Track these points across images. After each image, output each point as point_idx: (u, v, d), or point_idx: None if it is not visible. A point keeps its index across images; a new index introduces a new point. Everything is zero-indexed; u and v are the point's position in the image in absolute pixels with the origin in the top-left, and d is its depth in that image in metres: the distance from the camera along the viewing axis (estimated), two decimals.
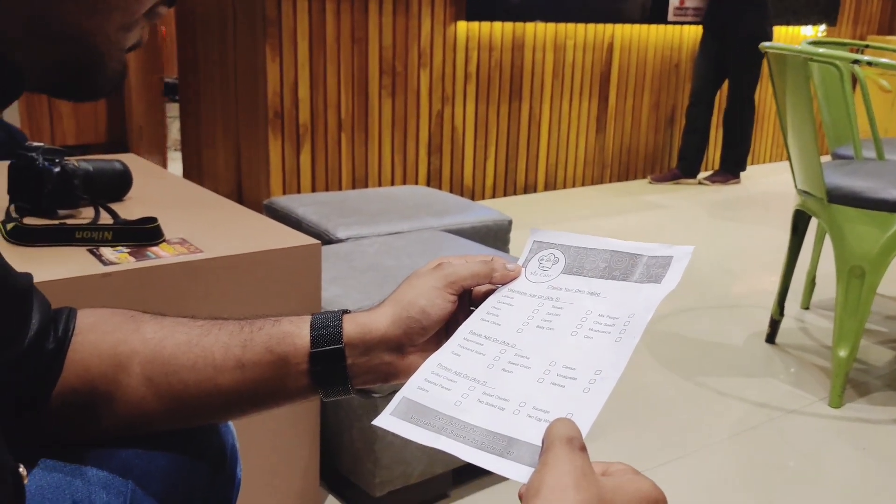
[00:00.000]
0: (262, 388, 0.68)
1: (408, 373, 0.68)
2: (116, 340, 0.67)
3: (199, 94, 3.73)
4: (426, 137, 3.77)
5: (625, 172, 4.68)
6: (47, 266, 1.23)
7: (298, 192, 3.40)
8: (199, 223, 1.47)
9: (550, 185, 4.33)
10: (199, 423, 0.72)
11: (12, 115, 2.95)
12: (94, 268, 1.22)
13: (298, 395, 0.70)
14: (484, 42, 3.85)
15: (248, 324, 0.70)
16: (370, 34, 3.46)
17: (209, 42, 3.57)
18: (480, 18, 3.73)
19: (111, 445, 0.68)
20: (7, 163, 1.48)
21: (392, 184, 3.69)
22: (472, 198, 4.01)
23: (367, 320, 0.69)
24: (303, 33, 3.28)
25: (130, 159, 1.93)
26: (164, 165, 4.22)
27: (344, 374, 0.68)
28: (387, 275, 1.68)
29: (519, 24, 3.93)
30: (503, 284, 0.74)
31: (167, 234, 1.38)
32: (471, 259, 0.74)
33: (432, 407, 0.62)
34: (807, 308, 2.76)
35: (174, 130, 4.68)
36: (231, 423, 0.79)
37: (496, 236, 2.20)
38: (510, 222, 2.24)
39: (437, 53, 3.70)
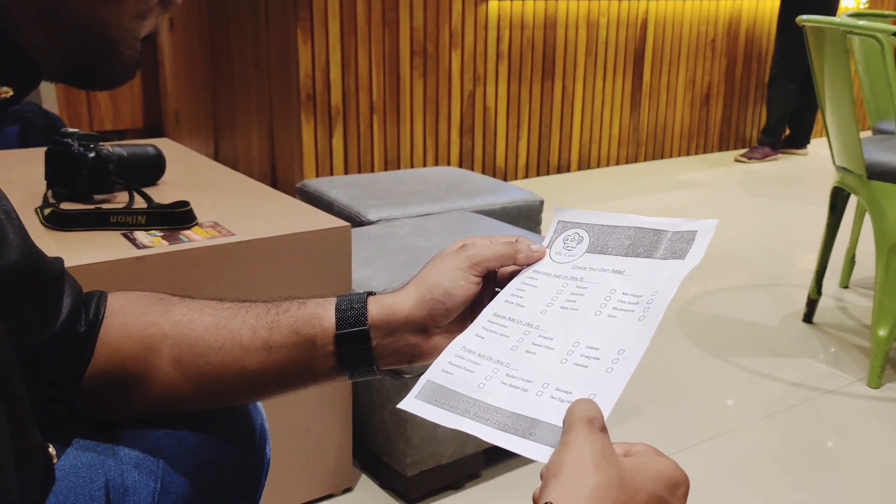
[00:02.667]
0: (289, 369, 0.69)
1: (433, 354, 0.69)
2: (146, 323, 0.68)
3: (232, 78, 3.76)
4: (458, 118, 3.76)
5: (660, 151, 4.62)
6: (83, 250, 1.25)
7: (331, 173, 3.42)
8: (232, 206, 1.49)
9: (584, 165, 4.30)
10: (228, 404, 0.73)
11: (50, 101, 3.00)
12: (129, 251, 1.25)
13: (325, 376, 0.70)
14: (515, 20, 3.81)
15: (275, 306, 0.70)
16: (401, 15, 3.45)
17: (242, 25, 3.59)
18: None
19: (143, 426, 0.70)
20: (44, 149, 1.51)
21: (424, 165, 3.69)
22: (505, 178, 4.00)
23: (391, 302, 0.69)
24: (334, 15, 3.28)
25: (165, 144, 1.95)
26: (203, 151, 4.26)
27: (369, 356, 0.69)
28: (417, 256, 1.68)
29: (551, 2, 3.89)
30: (528, 266, 0.73)
31: (200, 217, 1.40)
32: (495, 240, 0.74)
33: (456, 389, 0.63)
34: (846, 287, 2.71)
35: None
36: (260, 404, 0.80)
37: (528, 217, 2.19)
38: (541, 202, 2.23)
39: (468, 33, 3.67)
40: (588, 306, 0.67)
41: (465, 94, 3.75)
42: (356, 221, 2.00)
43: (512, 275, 0.74)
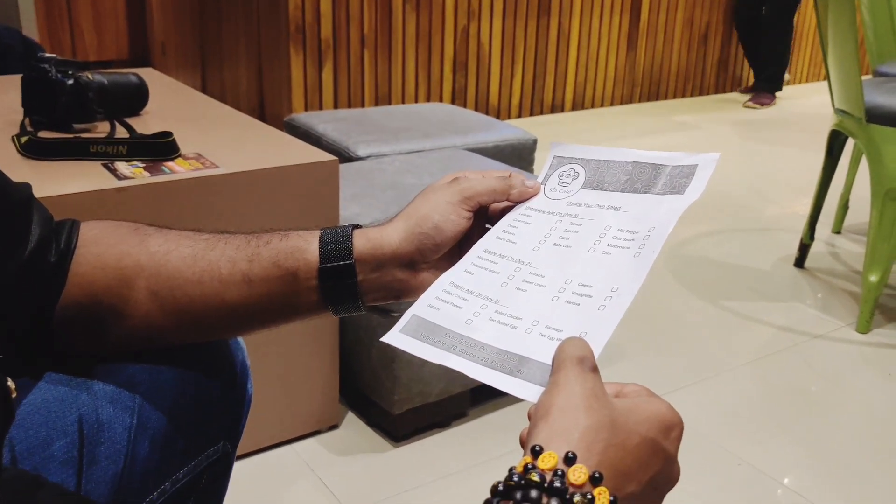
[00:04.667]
0: (271, 303, 0.66)
1: (420, 290, 0.66)
2: (120, 253, 0.65)
3: (220, 9, 3.65)
4: (451, 54, 3.67)
5: (655, 92, 4.56)
6: (61, 180, 1.21)
7: (320, 108, 3.35)
8: (216, 139, 1.44)
9: (578, 105, 4.23)
10: (207, 338, 0.70)
11: (30, 28, 2.90)
12: (109, 182, 1.21)
13: (308, 311, 0.68)
14: None
15: (256, 238, 0.67)
16: None
17: None
18: None
19: (118, 360, 0.67)
20: (21, 76, 1.45)
21: (416, 101, 3.62)
22: (498, 116, 3.94)
23: (378, 235, 0.66)
24: None
25: (149, 74, 1.89)
26: (189, 83, 4.17)
27: (354, 291, 0.66)
28: (407, 193, 1.65)
29: None
30: (521, 202, 0.70)
31: (183, 149, 1.36)
32: (488, 174, 0.71)
33: (443, 325, 0.60)
34: (838, 232, 2.70)
35: None
36: (241, 340, 0.78)
37: (520, 155, 2.15)
38: (535, 141, 2.19)
39: None
40: (582, 243, 0.64)
41: (459, 29, 3.66)
42: (345, 157, 1.95)
43: (504, 211, 0.71)
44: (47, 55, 1.47)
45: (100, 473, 0.63)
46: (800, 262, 2.42)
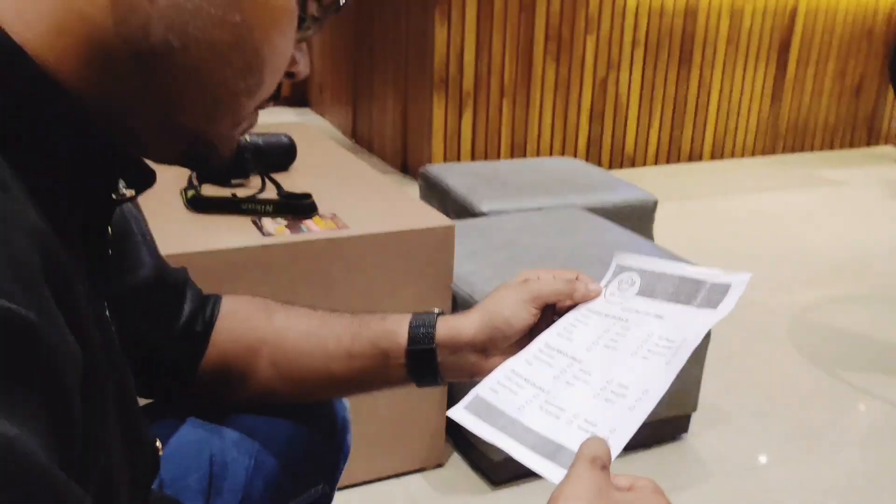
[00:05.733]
0: (367, 375, 0.81)
1: (490, 372, 0.78)
2: (250, 328, 0.81)
3: (372, 56, 3.92)
4: (588, 104, 3.77)
5: (800, 144, 4.45)
6: (217, 234, 1.42)
7: (458, 154, 3.53)
8: (351, 198, 1.62)
9: (717, 154, 4.21)
10: (315, 400, 0.85)
11: None
12: (256, 239, 1.40)
13: (397, 383, 0.81)
14: (654, 8, 3.76)
15: (359, 318, 0.82)
16: (537, 1, 3.49)
17: (384, 7, 3.73)
18: None
19: (244, 412, 0.83)
20: None
21: (551, 150, 3.73)
22: (633, 165, 3.98)
23: (457, 325, 0.79)
24: (471, 0, 3.36)
25: (300, 130, 2.11)
26: (341, 123, 4.47)
27: (435, 370, 0.79)
28: (521, 253, 1.76)
29: None
30: (583, 303, 0.81)
31: (321, 207, 1.54)
32: (557, 276, 0.82)
33: (499, 407, 0.72)
34: None
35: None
36: (345, 399, 0.92)
37: (640, 216, 2.22)
38: (655, 202, 2.25)
39: (604, 19, 3.67)
40: (627, 347, 0.74)
41: (598, 79, 3.75)
42: (469, 212, 2.10)
43: (570, 307, 0.82)
44: None
45: (222, 503, 0.78)
46: None
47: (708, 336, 1.72)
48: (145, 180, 0.50)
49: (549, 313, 0.82)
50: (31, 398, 0.32)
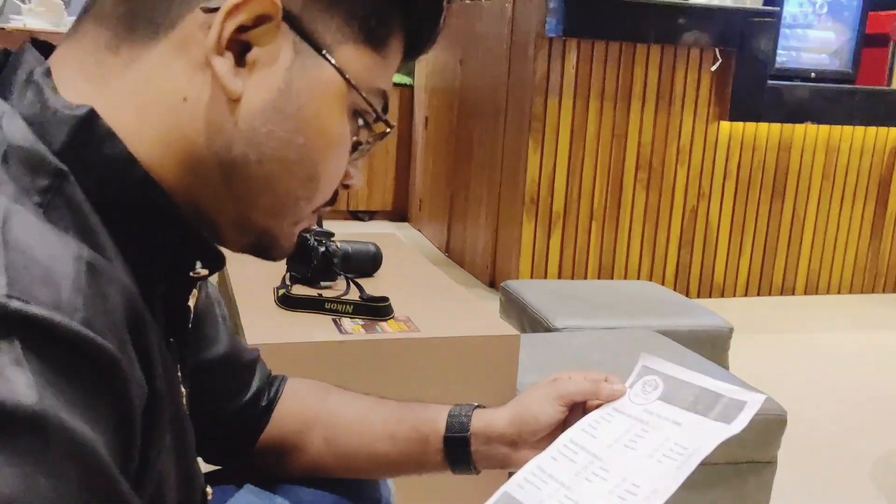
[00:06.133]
0: (408, 458, 0.89)
1: (520, 464, 0.85)
2: (307, 406, 0.91)
3: (469, 175, 4.12)
4: (678, 231, 3.82)
5: None
6: (301, 329, 1.55)
7: (545, 273, 3.62)
8: (428, 305, 1.73)
9: (812, 289, 4.14)
10: (360, 476, 0.94)
11: None
12: (333, 335, 1.52)
13: (434, 467, 0.89)
14: (747, 142, 3.84)
15: (405, 405, 0.91)
16: (630, 131, 3.63)
17: (483, 129, 3.96)
18: (745, 119, 3.74)
19: (295, 483, 0.92)
20: None
21: (639, 274, 3.78)
22: (723, 294, 3.97)
23: (491, 417, 0.87)
24: (565, 128, 3.53)
25: (391, 241, 2.26)
26: (436, 238, 4.66)
27: (468, 458, 0.87)
28: (588, 368, 1.81)
29: (787, 126, 3.87)
30: (608, 402, 0.87)
31: (397, 311, 1.65)
32: (588, 376, 0.89)
33: (525, 503, 0.78)
34: None
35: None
36: (391, 482, 1.00)
37: (714, 342, 2.23)
38: (730, 330, 2.27)
39: (696, 151, 3.76)
40: (645, 448, 0.79)
41: (688, 208, 3.81)
42: (543, 327, 2.17)
43: (599, 405, 0.88)
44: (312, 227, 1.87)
45: None
46: None
47: (782, 477, 1.71)
48: (217, 263, 0.61)
49: (579, 411, 0.88)
50: (106, 414, 0.43)
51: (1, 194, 0.45)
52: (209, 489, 0.75)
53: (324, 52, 0.56)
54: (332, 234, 1.88)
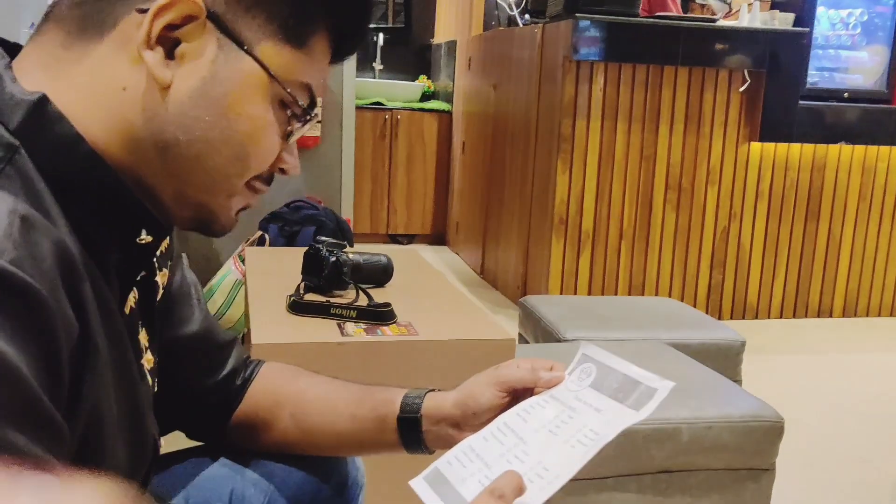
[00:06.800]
0: (366, 436, 0.95)
1: None
2: (278, 386, 0.99)
3: (502, 198, 4.19)
4: (709, 252, 3.82)
5: None
6: (305, 331, 1.63)
7: (575, 293, 3.65)
8: (432, 313, 1.79)
9: (850, 312, 4.08)
10: (325, 454, 1.00)
11: (348, 209, 3.63)
12: (334, 337, 1.60)
13: (391, 447, 0.95)
14: (779, 162, 3.83)
15: (368, 388, 0.98)
16: (658, 152, 3.66)
17: (515, 152, 4.03)
18: (776, 140, 3.73)
19: (266, 457, 0.99)
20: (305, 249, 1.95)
21: (669, 293, 3.78)
22: (756, 316, 3.94)
23: (439, 400, 0.93)
24: (593, 149, 3.58)
25: (408, 255, 2.34)
26: (472, 259, 4.73)
27: (419, 437, 0.93)
28: None
29: (821, 146, 3.85)
30: (547, 389, 0.92)
31: (401, 317, 1.73)
32: (536, 363, 0.94)
33: (449, 479, 0.79)
34: None
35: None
36: (361, 463, 1.07)
37: (725, 356, 2.25)
38: (742, 344, 2.28)
39: (726, 172, 3.76)
40: (564, 434, 0.80)
41: (719, 229, 3.81)
42: (554, 338, 2.22)
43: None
44: (323, 238, 1.96)
45: None
46: None
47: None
48: (161, 231, 0.70)
49: (527, 396, 0.94)
50: (30, 340, 0.50)
51: None
52: (162, 442, 0.83)
53: (245, 47, 0.65)
54: (344, 246, 1.96)
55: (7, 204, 0.53)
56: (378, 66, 5.72)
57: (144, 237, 0.68)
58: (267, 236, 3.26)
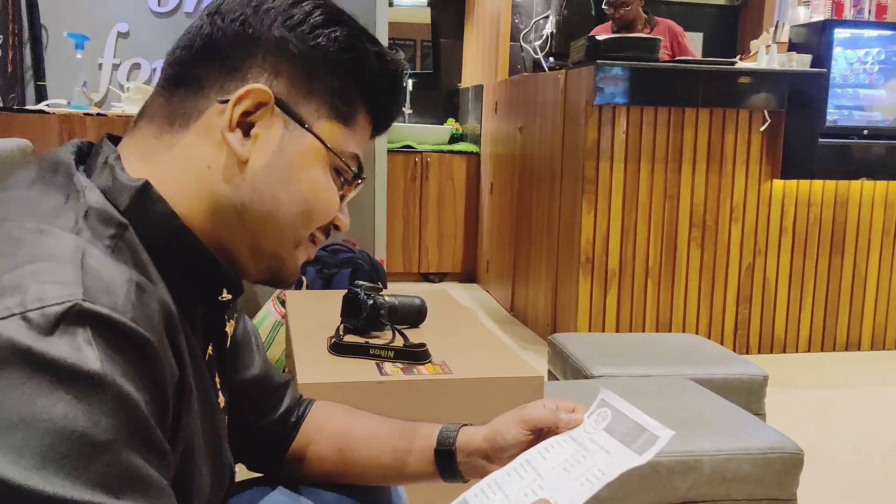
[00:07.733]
0: (405, 467, 1.07)
1: None
2: (328, 423, 1.10)
3: (530, 237, 4.31)
4: (735, 287, 3.89)
5: None
6: (346, 371, 1.75)
7: (603, 329, 3.74)
8: (466, 352, 1.90)
9: (878, 345, 4.11)
10: (371, 483, 1.11)
11: (381, 250, 3.76)
12: (373, 377, 1.72)
13: (429, 477, 1.06)
14: (802, 199, 3.91)
15: (407, 424, 1.09)
16: (682, 191, 3.76)
17: (541, 193, 4.15)
18: (798, 177, 3.82)
19: (320, 487, 1.11)
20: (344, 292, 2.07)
21: (696, 329, 3.85)
22: (784, 350, 3.99)
23: (472, 434, 1.04)
24: (617, 190, 3.69)
25: (440, 297, 2.46)
26: (502, 297, 4.83)
27: (455, 468, 1.04)
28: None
29: (843, 183, 3.92)
30: (567, 430, 1.01)
31: (435, 357, 1.84)
32: (549, 406, 1.03)
33: None
34: None
35: None
36: (402, 490, 1.18)
37: (749, 391, 2.32)
38: (765, 378, 2.35)
39: (749, 209, 3.85)
40: (577, 473, 0.89)
41: (744, 265, 3.89)
42: (582, 374, 2.31)
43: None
44: (361, 283, 2.09)
45: None
46: None
47: None
48: (237, 290, 0.83)
49: (550, 435, 1.03)
50: (146, 381, 0.62)
51: (82, 238, 0.67)
52: (237, 469, 0.95)
53: (306, 125, 0.78)
54: (380, 289, 2.09)
55: (125, 274, 0.66)
56: (408, 110, 5.90)
57: (225, 295, 0.81)
58: (304, 279, 3.40)
